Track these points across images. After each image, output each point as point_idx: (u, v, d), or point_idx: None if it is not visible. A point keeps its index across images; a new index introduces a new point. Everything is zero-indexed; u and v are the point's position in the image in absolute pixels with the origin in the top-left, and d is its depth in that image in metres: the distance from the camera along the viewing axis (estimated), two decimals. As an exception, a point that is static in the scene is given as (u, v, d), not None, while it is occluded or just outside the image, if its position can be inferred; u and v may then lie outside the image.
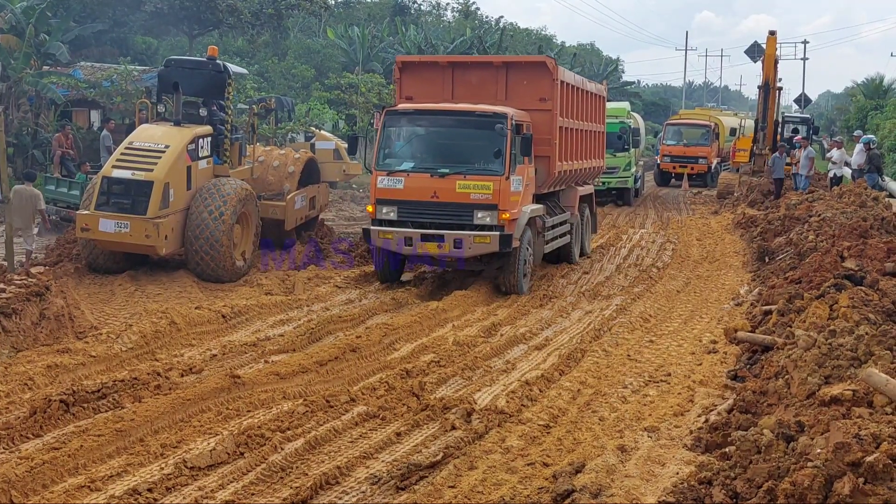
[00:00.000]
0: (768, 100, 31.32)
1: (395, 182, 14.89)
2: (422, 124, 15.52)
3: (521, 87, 16.33)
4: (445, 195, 14.64)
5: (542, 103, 16.25)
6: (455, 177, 14.65)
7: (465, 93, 16.52)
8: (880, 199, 19.31)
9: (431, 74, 16.89)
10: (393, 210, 14.95)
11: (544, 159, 16.40)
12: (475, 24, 68.37)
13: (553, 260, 18.14)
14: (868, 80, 61.50)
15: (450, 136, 15.39)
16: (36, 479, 7.06)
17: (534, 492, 7.16)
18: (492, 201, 14.53)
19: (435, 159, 15.11)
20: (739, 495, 6.10)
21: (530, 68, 16.63)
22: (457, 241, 14.57)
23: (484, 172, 14.67)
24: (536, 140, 15.82)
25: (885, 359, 7.83)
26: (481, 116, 15.00)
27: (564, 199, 18.60)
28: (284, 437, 8.09)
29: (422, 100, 16.52)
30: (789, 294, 12.11)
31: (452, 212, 14.67)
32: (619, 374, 10.74)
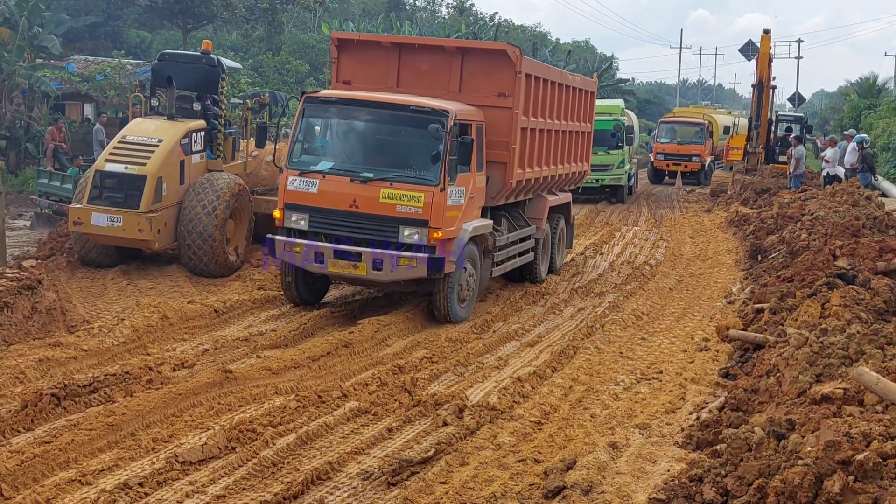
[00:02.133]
0: (762, 98, 31.37)
1: (309, 185, 12.36)
2: (346, 117, 12.98)
3: (477, 78, 13.74)
4: (367, 205, 12.13)
5: (501, 99, 13.66)
6: (380, 183, 12.13)
7: (412, 80, 13.89)
8: (873, 198, 19.36)
9: (374, 56, 14.17)
10: (304, 218, 12.43)
11: (499, 166, 13.73)
12: (470, 20, 68.34)
13: (515, 278, 15.67)
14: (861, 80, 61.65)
15: (379, 134, 12.99)
16: (26, 473, 7.05)
17: (525, 488, 7.18)
18: (422, 216, 12.03)
19: (359, 161, 12.69)
20: (730, 493, 6.12)
21: (489, 57, 13.84)
22: (376, 262, 12.10)
23: (415, 181, 12.16)
24: (491, 143, 13.54)
25: (876, 357, 7.86)
26: (415, 112, 12.39)
27: (531, 210, 15.97)
28: (276, 433, 8.09)
29: (362, 85, 13.94)
30: (781, 292, 12.15)
31: (374, 226, 12.16)
32: (611, 371, 10.76)
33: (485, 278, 13.86)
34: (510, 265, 14.73)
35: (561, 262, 17.66)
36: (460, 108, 12.83)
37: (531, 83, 14.23)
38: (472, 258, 13.10)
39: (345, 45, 14.46)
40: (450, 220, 12.29)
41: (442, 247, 12.19)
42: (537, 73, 14.62)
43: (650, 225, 25.52)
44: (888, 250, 12.66)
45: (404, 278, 12.43)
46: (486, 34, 57.46)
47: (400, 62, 13.98)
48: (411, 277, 12.33)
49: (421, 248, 12.10)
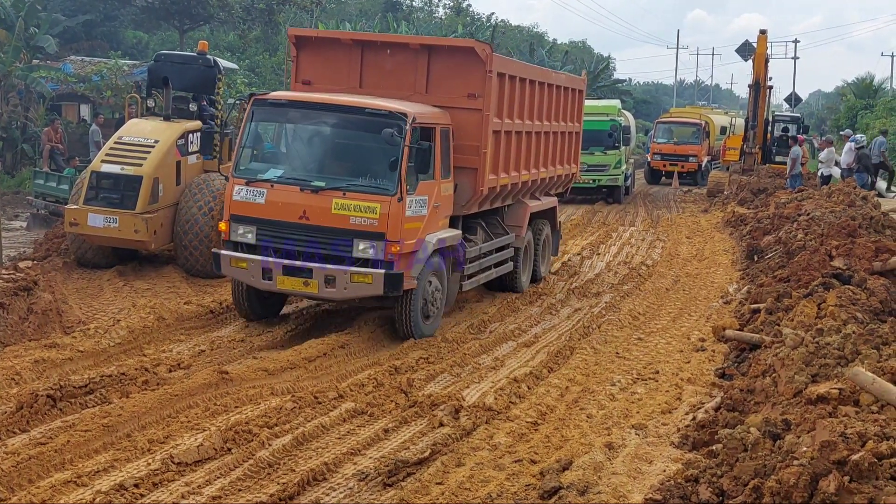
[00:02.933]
0: (759, 98, 31.43)
1: (256, 195, 11.44)
2: (297, 121, 12.13)
3: (445, 78, 12.78)
4: (318, 216, 11.19)
5: (471, 100, 12.68)
6: (332, 193, 11.19)
7: (376, 81, 12.97)
8: (869, 198, 19.37)
9: (335, 55, 13.22)
10: (251, 231, 11.50)
11: (469, 172, 12.74)
12: (466, 20, 68.35)
13: (494, 287, 14.91)
14: (858, 80, 61.74)
15: (332, 140, 12.04)
16: (22, 474, 7.04)
17: (521, 489, 7.18)
18: (377, 228, 11.08)
19: (310, 168, 11.75)
20: (726, 493, 6.12)
21: (457, 55, 12.85)
22: (328, 279, 11.18)
23: (370, 190, 11.22)
24: (460, 147, 12.60)
25: (872, 358, 7.87)
26: (371, 115, 11.46)
27: (510, 216, 15.02)
28: (272, 433, 8.09)
29: (322, 86, 13.06)
30: (777, 292, 12.15)
31: (326, 239, 11.24)
32: (607, 371, 10.77)
33: (453, 292, 12.91)
34: (484, 277, 13.86)
35: (545, 270, 16.80)
36: (421, 110, 11.93)
37: (505, 83, 13.28)
38: (438, 272, 12.16)
39: (303, 43, 13.51)
40: (409, 232, 11.33)
41: (401, 262, 11.25)
42: (512, 72, 13.65)
43: (647, 225, 25.53)
44: (884, 250, 12.67)
45: (359, 296, 11.59)
46: (483, 34, 57.44)
47: (363, 61, 13.08)
48: (367, 295, 11.43)
49: (377, 263, 11.17)
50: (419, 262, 11.54)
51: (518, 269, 15.06)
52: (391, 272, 11.17)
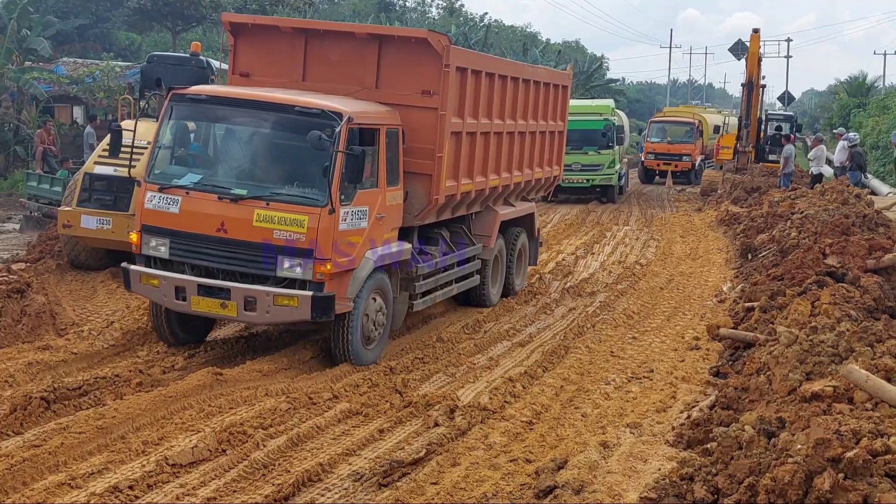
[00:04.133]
0: (752, 97, 31.44)
1: (169, 203, 10.18)
2: (219, 119, 10.80)
3: (397, 71, 11.47)
4: (238, 229, 9.89)
5: (425, 98, 11.33)
6: (254, 203, 9.89)
7: (321, 73, 11.65)
8: (862, 196, 19.41)
9: (277, 45, 11.91)
10: (164, 244, 10.24)
11: (423, 178, 11.42)
12: (460, 20, 68.37)
13: (461, 301, 13.87)
14: (851, 78, 61.91)
15: (258, 141, 10.71)
16: (16, 477, 7.02)
17: (516, 488, 7.18)
18: (305, 244, 9.79)
19: (232, 174, 10.51)
20: (720, 491, 6.13)
21: (409, 47, 11.45)
22: (248, 301, 9.90)
23: (297, 200, 9.93)
24: (413, 151, 11.29)
25: (866, 355, 7.88)
26: (301, 115, 10.11)
27: (478, 225, 13.74)
28: (267, 434, 8.08)
29: (262, 79, 11.81)
30: (771, 291, 12.17)
31: (246, 255, 9.96)
32: (601, 370, 10.77)
33: (401, 312, 11.58)
34: (443, 294, 12.61)
35: (521, 282, 15.51)
36: (362, 108, 10.67)
37: (467, 78, 11.94)
38: (382, 290, 10.90)
39: (241, 31, 12.12)
40: (344, 247, 10.08)
41: (333, 282, 9.99)
42: (476, 66, 12.30)
43: (641, 224, 25.55)
44: (878, 248, 12.70)
45: (285, 322, 10.37)
46: (477, 35, 57.46)
47: (307, 52, 11.75)
48: (292, 320, 10.16)
49: (305, 283, 9.91)
50: (357, 282, 10.27)
51: (486, 282, 13.89)
52: (320, 294, 9.86)
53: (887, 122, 36.56)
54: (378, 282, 10.75)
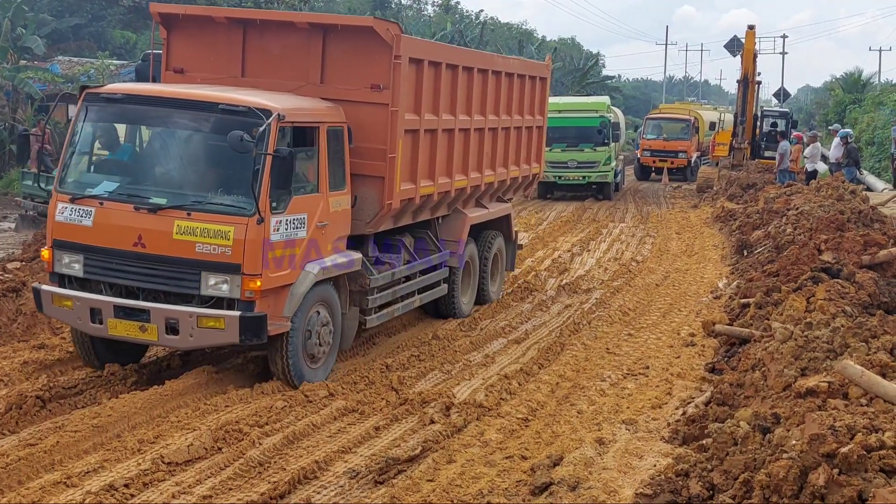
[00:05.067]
0: (747, 94, 31.49)
1: (82, 215, 9.16)
2: (136, 120, 9.71)
3: (344, 64, 10.49)
4: (156, 243, 8.91)
5: (374, 93, 10.36)
6: (174, 213, 8.89)
7: (262, 68, 10.72)
8: (858, 192, 19.43)
9: (213, 37, 10.91)
10: (78, 261, 9.22)
11: (374, 181, 10.46)
12: (455, 18, 68.33)
13: (430, 312, 12.96)
14: (847, 75, 61.93)
15: (179, 144, 9.57)
16: (11, 476, 7.03)
17: (512, 485, 7.19)
18: (231, 258, 8.80)
19: (150, 182, 9.49)
20: (716, 487, 6.14)
21: (355, 37, 10.49)
22: (170, 323, 8.92)
23: (221, 209, 8.93)
24: (363, 151, 10.34)
25: (861, 351, 7.89)
26: (226, 113, 9.08)
27: (444, 230, 12.69)
28: (263, 432, 8.08)
29: (198, 75, 10.86)
30: (767, 287, 12.18)
31: (167, 272, 8.96)
32: (597, 367, 10.78)
33: (351, 329, 10.56)
34: (403, 307, 11.62)
35: (498, 290, 14.55)
36: (296, 105, 9.70)
37: (423, 71, 10.99)
38: (329, 305, 9.95)
39: (173, 23, 11.10)
40: (278, 261, 9.07)
41: (266, 300, 9.01)
42: (434, 58, 11.34)
43: (637, 221, 25.56)
44: (872, 244, 12.70)
45: (210, 344, 9.40)
46: (472, 32, 57.43)
47: (245, 44, 10.78)
48: (219, 343, 9.28)
49: (233, 302, 8.91)
50: (295, 298, 9.28)
51: (455, 291, 12.86)
52: (249, 314, 8.86)
53: (882, 119, 36.59)
54: (322, 296, 9.76)
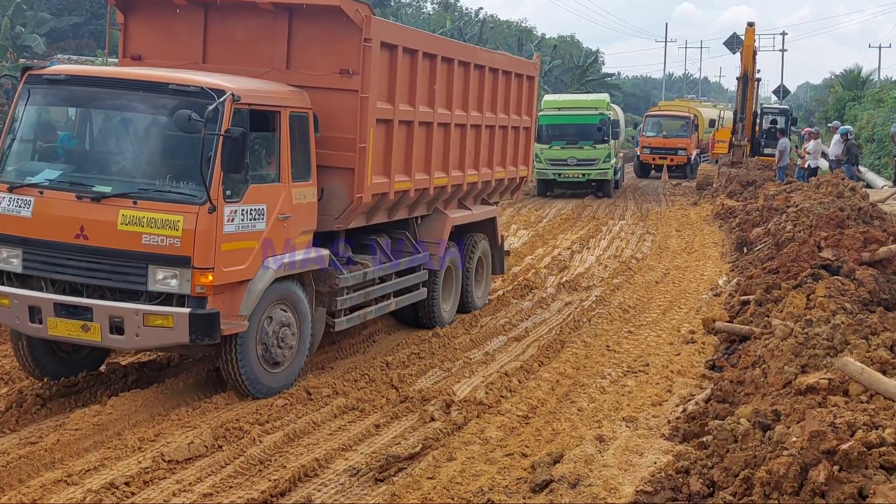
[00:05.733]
0: (747, 91, 31.51)
1: (20, 205, 8.51)
2: (83, 102, 9.06)
3: (312, 49, 9.90)
4: (100, 235, 8.25)
5: (343, 79, 9.73)
6: (119, 202, 8.24)
7: (224, 53, 10.10)
8: (857, 189, 19.43)
9: (172, 21, 10.33)
10: (16, 255, 8.56)
11: (343, 173, 9.82)
12: (455, 16, 68.33)
13: (409, 321, 12.28)
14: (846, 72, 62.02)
15: (126, 128, 8.96)
16: (12, 474, 7.03)
17: (512, 482, 7.19)
18: (180, 251, 8.16)
19: (95, 168, 8.91)
20: (716, 484, 6.14)
21: (322, 19, 9.83)
22: (114, 322, 8.25)
23: (169, 197, 8.28)
24: (332, 141, 9.73)
25: (861, 348, 7.89)
26: (177, 95, 8.46)
27: (424, 231, 12.05)
28: (263, 430, 8.08)
29: (157, 62, 10.22)
30: (767, 284, 12.18)
31: (111, 266, 8.29)
32: (597, 364, 10.78)
33: (318, 331, 9.87)
34: (376, 310, 10.96)
35: (483, 296, 13.80)
36: (255, 87, 9.05)
37: (397, 57, 10.37)
38: (293, 304, 9.30)
39: (131, 7, 10.53)
40: (232, 255, 8.42)
41: (220, 296, 8.39)
42: (411, 45, 10.72)
43: (636, 219, 25.57)
44: (872, 241, 12.70)
45: (160, 346, 8.76)
46: (472, 30, 57.42)
47: (207, 28, 10.17)
48: (168, 343, 8.54)
49: (183, 299, 8.27)
50: (253, 295, 8.64)
51: (435, 296, 12.15)
52: (200, 312, 8.20)
53: (882, 116, 36.60)
54: (284, 294, 9.13)
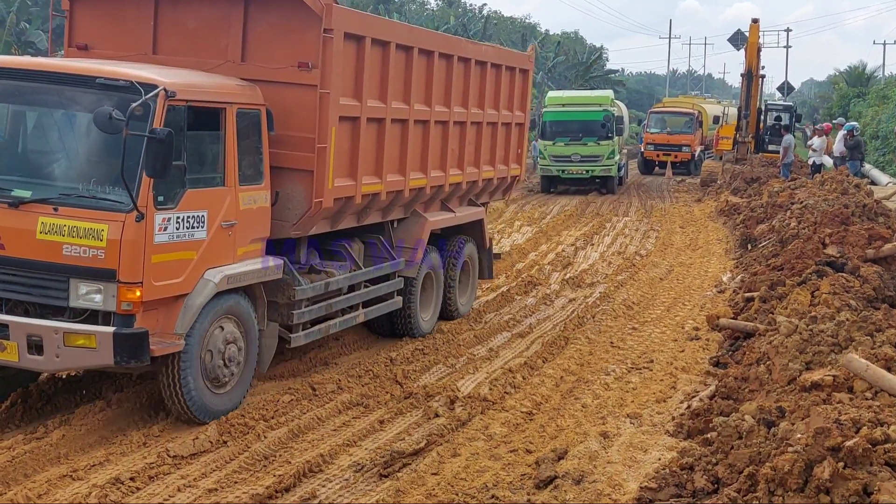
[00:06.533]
0: (751, 88, 31.42)
1: None
2: (2, 98, 8.14)
3: (269, 40, 9.11)
4: (17, 244, 7.47)
5: (302, 73, 8.93)
6: (38, 208, 7.45)
7: (176, 45, 9.29)
8: (862, 186, 19.41)
9: (121, 10, 9.58)
10: None
11: (301, 176, 9.01)
12: (458, 12, 68.29)
13: (384, 332, 11.46)
14: (851, 68, 61.94)
15: (50, 126, 8.13)
16: (17, 469, 7.05)
17: (517, 478, 7.20)
18: (105, 263, 7.35)
19: (13, 171, 8.04)
20: (721, 480, 6.14)
21: (281, 7, 9.11)
22: (32, 341, 7.44)
23: (93, 204, 7.45)
24: (287, 140, 8.92)
25: (866, 344, 7.90)
26: (102, 89, 7.59)
27: (400, 235, 11.18)
28: (268, 426, 8.10)
29: (104, 53, 9.45)
30: (771, 281, 12.18)
31: (30, 280, 7.53)
32: (601, 361, 10.79)
33: (269, 348, 8.98)
34: (341, 322, 10.12)
35: (467, 303, 12.93)
36: (194, 81, 8.25)
37: (365, 49, 9.53)
38: (239, 319, 8.44)
39: None
40: (165, 267, 7.60)
41: (153, 313, 7.60)
42: (381, 36, 9.91)
43: (640, 215, 25.55)
44: (877, 238, 12.70)
45: (82, 367, 8.08)
46: (476, 26, 57.37)
47: (157, 17, 9.35)
48: (92, 366, 7.76)
49: (109, 316, 7.45)
50: (190, 311, 7.82)
51: (411, 305, 11.28)
52: (126, 331, 7.39)
53: (887, 112, 36.55)
54: (229, 309, 8.30)
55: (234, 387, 8.48)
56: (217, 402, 8.26)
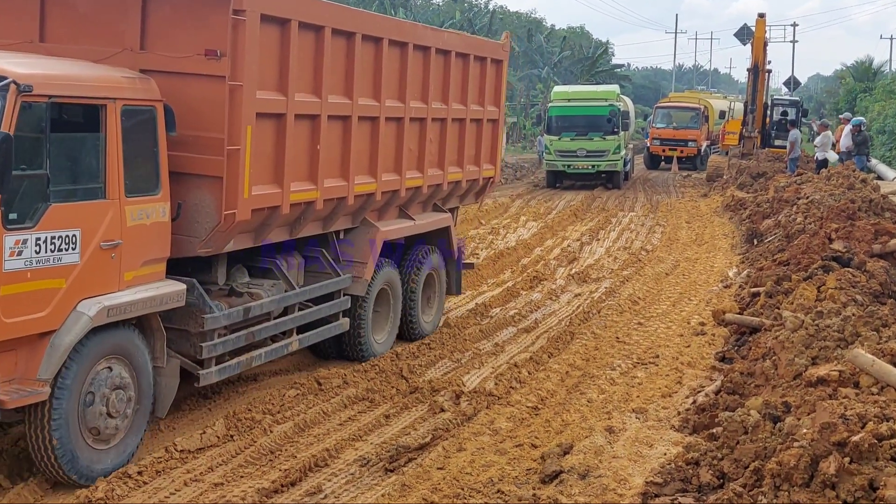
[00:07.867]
0: (757, 82, 31.38)
1: None
2: None
3: (172, 25, 7.84)
4: None
5: (210, 63, 7.61)
6: None
7: (67, 32, 8.05)
8: (868, 181, 19.37)
9: None
10: None
11: (210, 183, 7.72)
12: (464, 6, 68.18)
13: (330, 354, 10.25)
14: (857, 63, 61.68)
15: None
16: (23, 464, 7.06)
17: (522, 473, 7.21)
18: None
19: None
20: (726, 475, 6.14)
21: None
22: None
23: None
24: (193, 142, 7.66)
25: (872, 340, 7.88)
26: None
27: (348, 248, 9.98)
28: (274, 420, 8.12)
29: None
30: (777, 276, 12.15)
31: None
32: (607, 356, 10.79)
33: (169, 389, 7.62)
34: (269, 353, 8.78)
35: (434, 319, 11.71)
36: (62, 72, 6.97)
37: (291, 35, 8.27)
38: (129, 358, 7.12)
39: None
40: (20, 299, 6.30)
41: (5, 356, 6.33)
42: (310, 19, 8.56)
43: (646, 210, 25.53)
44: (883, 233, 12.66)
45: None
46: (481, 21, 57.29)
47: (45, 3, 8.14)
48: None
49: None
50: (57, 352, 6.49)
51: (362, 325, 10.09)
52: None
53: (894, 107, 36.43)
54: (114, 346, 7.00)
55: (122, 439, 7.11)
56: (99, 459, 6.90)
